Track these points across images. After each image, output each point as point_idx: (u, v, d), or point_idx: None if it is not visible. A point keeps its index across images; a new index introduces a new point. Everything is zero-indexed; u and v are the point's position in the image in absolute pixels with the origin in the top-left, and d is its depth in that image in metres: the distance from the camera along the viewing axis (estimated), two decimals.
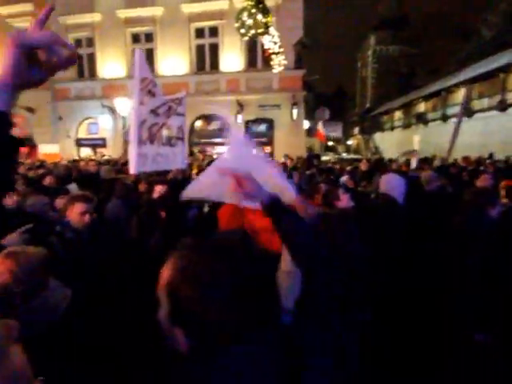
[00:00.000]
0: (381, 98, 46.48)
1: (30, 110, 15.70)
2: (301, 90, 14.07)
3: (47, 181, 4.67)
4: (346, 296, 1.36)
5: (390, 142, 30.69)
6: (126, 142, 14.75)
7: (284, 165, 8.80)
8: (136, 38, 15.05)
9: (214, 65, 14.47)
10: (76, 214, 2.22)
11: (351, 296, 1.50)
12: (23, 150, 15.86)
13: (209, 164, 7.87)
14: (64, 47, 0.71)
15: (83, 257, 2.03)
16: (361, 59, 68.71)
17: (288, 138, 14.06)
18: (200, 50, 14.65)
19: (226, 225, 2.20)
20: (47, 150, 11.06)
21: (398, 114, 32.06)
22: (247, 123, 14.52)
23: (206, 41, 14.49)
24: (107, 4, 14.62)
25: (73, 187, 4.49)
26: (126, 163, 9.25)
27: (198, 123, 15.18)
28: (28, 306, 1.22)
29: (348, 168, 7.80)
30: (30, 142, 13.04)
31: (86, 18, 14.94)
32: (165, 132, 3.13)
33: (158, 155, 3.00)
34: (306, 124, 16.88)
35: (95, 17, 14.91)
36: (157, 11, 14.36)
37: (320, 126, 15.35)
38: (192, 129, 14.73)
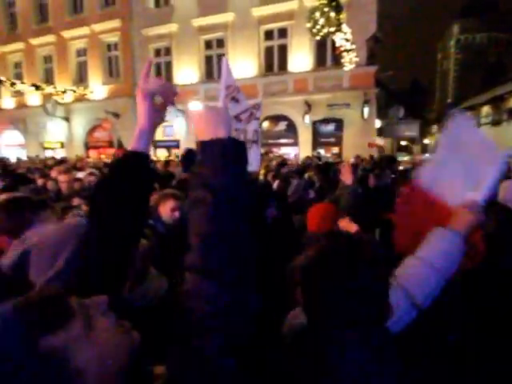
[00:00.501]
0: (464, 93, 41.96)
1: (116, 115, 17.50)
2: (373, 87, 13.34)
3: None
4: None
5: None
6: None
7: (354, 166, 8.40)
8: (208, 45, 15.78)
9: (283, 66, 14.48)
10: (167, 209, 2.40)
11: None
12: (111, 150, 17.73)
13: (279, 165, 7.86)
14: (171, 90, 0.94)
15: (173, 250, 2.13)
16: (441, 51, 62.86)
17: (358, 139, 13.43)
18: (269, 51, 14.79)
19: (316, 227, 2.17)
20: None
21: (485, 110, 28.54)
22: (314, 123, 14.25)
23: (275, 42, 14.57)
24: (183, 14, 15.57)
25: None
26: None
27: (265, 124, 15.34)
28: (133, 293, 1.29)
29: None
30: (118, 144, 14.65)
31: (165, 28, 16.11)
32: (242, 136, 3.18)
33: None
34: (378, 123, 15.94)
35: (172, 27, 15.99)
36: (228, 17, 14.86)
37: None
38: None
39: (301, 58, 13.94)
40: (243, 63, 14.69)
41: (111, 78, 18.16)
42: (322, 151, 14.61)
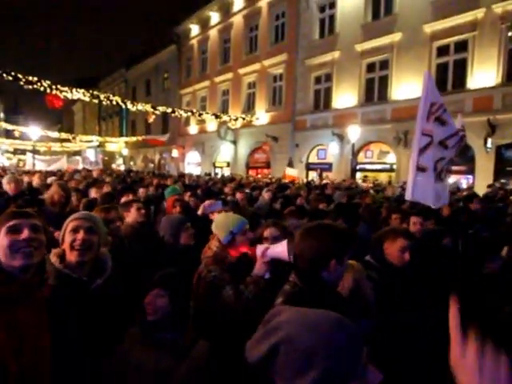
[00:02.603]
0: None
1: (275, 139, 19.07)
2: None
3: (299, 201, 5.37)
4: None
5: None
6: (351, 169, 15.33)
7: None
8: (370, 67, 15.42)
9: (459, 82, 12.71)
10: (396, 249, 2.03)
11: None
12: (267, 171, 19.35)
13: (466, 199, 6.70)
14: None
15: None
16: None
17: None
18: (441, 68, 13.29)
19: None
20: (290, 172, 13.25)
21: None
22: (499, 148, 11.78)
23: (451, 58, 12.98)
24: (347, 41, 15.78)
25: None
26: (352, 188, 9.42)
27: None
28: None
29: None
30: (289, 163, 15.87)
31: (327, 56, 16.71)
32: (443, 166, 2.78)
33: (435, 190, 2.68)
34: None
35: (335, 54, 16.41)
36: (395, 37, 14.20)
37: None
38: None
39: (485, 72, 11.90)
40: (408, 84, 13.63)
41: (273, 106, 20.02)
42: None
